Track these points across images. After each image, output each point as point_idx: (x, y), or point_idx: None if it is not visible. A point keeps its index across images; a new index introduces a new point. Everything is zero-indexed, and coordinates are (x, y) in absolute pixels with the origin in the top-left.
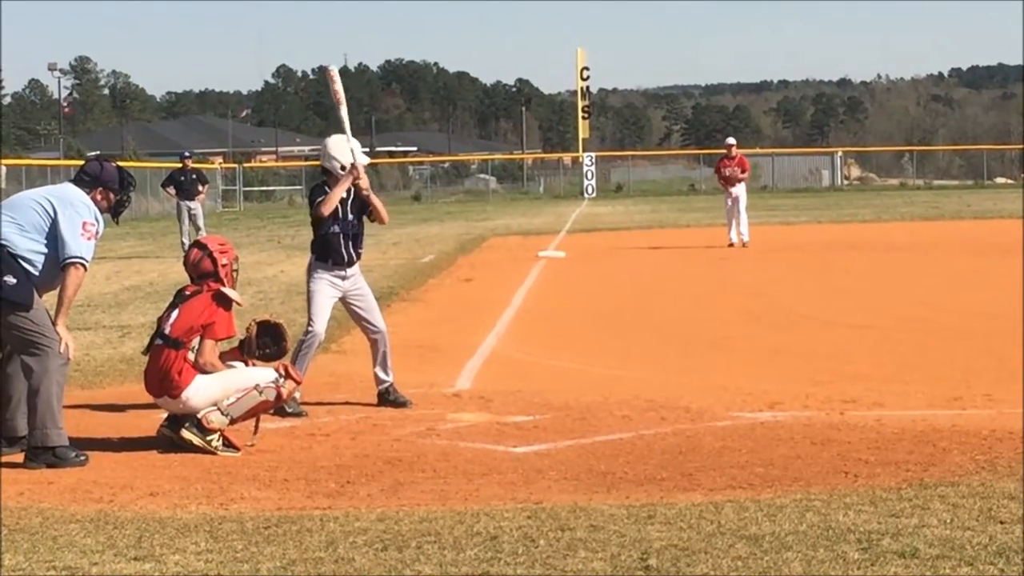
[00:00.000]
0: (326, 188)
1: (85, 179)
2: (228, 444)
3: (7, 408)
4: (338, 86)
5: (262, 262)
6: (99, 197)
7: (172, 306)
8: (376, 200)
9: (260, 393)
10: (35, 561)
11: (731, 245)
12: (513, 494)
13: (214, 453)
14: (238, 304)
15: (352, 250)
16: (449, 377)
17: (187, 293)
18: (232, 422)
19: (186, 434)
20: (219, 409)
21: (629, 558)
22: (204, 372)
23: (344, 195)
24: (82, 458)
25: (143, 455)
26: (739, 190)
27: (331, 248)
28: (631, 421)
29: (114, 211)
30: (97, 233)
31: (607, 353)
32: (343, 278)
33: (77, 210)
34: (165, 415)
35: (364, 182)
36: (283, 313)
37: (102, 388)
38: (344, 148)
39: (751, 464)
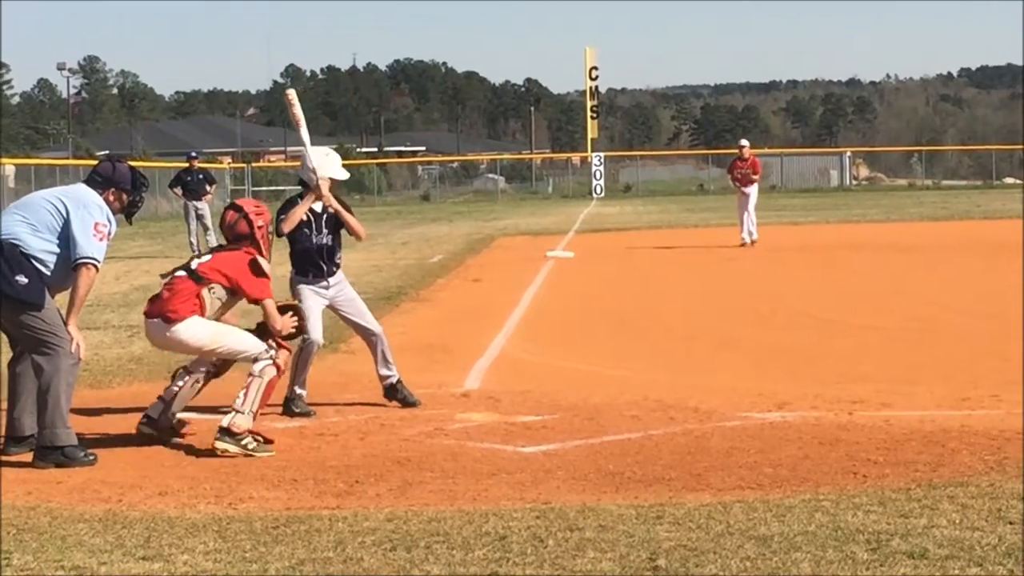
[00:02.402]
0: (299, 200)
1: (97, 180)
2: (263, 441)
3: (16, 407)
4: (296, 109)
5: (272, 262)
6: (111, 198)
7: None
8: (348, 216)
9: (262, 376)
10: (43, 560)
11: (743, 244)
12: (522, 494)
13: (252, 456)
14: (268, 277)
15: (328, 263)
16: (458, 377)
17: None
18: (255, 417)
19: (220, 445)
20: (236, 410)
21: (638, 558)
22: (282, 335)
23: (318, 211)
24: (91, 457)
25: (152, 455)
26: (751, 188)
27: (308, 262)
28: (640, 421)
29: (127, 212)
30: (109, 234)
31: (615, 353)
32: (326, 287)
33: (89, 211)
34: (144, 413)
35: (328, 200)
36: None
37: (111, 388)
38: (322, 161)
39: (760, 464)
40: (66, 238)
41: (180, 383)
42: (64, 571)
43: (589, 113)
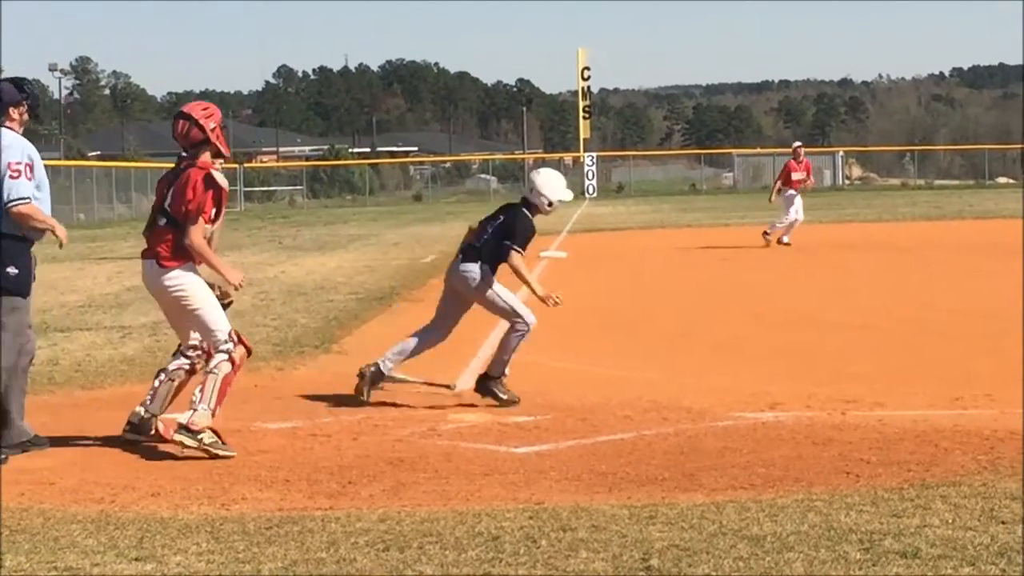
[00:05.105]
0: (525, 211)
1: None
2: (220, 440)
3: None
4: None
5: (263, 262)
6: (15, 116)
7: (169, 183)
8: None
9: (217, 373)
10: (36, 562)
11: (786, 243)
12: (515, 494)
13: (209, 452)
14: (225, 191)
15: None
16: (451, 377)
17: (181, 167)
18: (214, 414)
19: (179, 437)
20: (193, 408)
21: (631, 558)
22: (192, 253)
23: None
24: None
25: (144, 456)
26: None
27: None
28: (633, 421)
29: (33, 115)
30: (31, 167)
31: (608, 353)
32: None
33: (8, 154)
34: (128, 419)
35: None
36: (284, 314)
37: (103, 388)
38: (556, 186)
39: (753, 464)
40: None
41: (157, 383)
42: (57, 572)
43: (581, 113)
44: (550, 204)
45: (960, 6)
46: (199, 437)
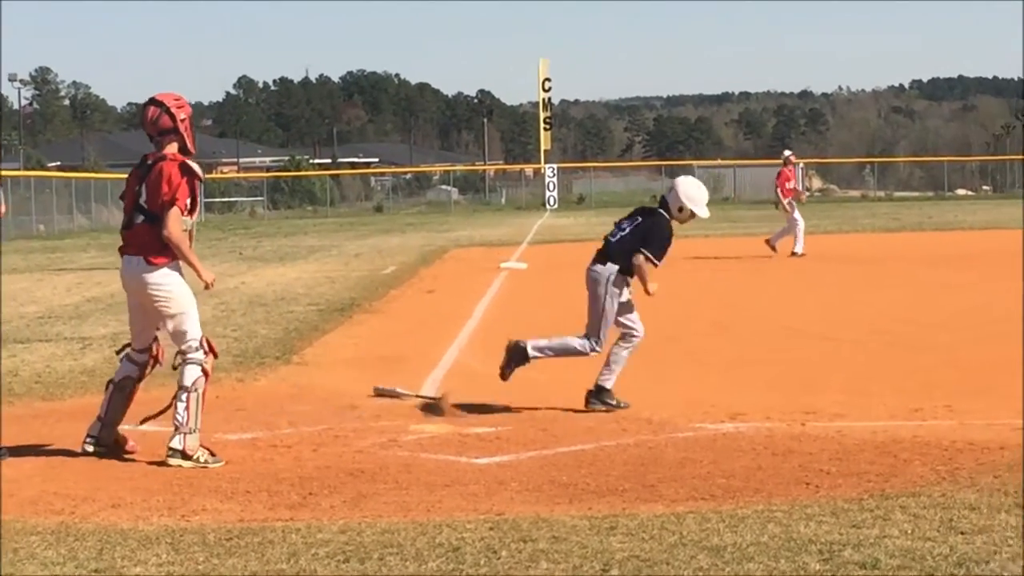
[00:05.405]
0: (663, 213)
1: None
2: (211, 454)
3: None
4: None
5: (224, 273)
6: None
7: (139, 178)
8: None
9: (196, 390)
10: None
11: (802, 255)
12: (475, 505)
13: (207, 467)
14: (200, 179)
15: None
16: (411, 388)
17: (149, 163)
18: (199, 429)
19: (174, 462)
20: (183, 433)
21: (591, 569)
22: (169, 245)
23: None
24: None
25: (104, 467)
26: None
27: (630, 272)
28: (593, 432)
29: None
30: None
31: (569, 364)
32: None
33: None
34: (87, 432)
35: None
36: (244, 325)
37: (63, 400)
38: (693, 195)
39: (713, 475)
40: None
41: (107, 395)
42: None
43: (542, 124)
44: (681, 210)
45: (919, 18)
46: (195, 456)
